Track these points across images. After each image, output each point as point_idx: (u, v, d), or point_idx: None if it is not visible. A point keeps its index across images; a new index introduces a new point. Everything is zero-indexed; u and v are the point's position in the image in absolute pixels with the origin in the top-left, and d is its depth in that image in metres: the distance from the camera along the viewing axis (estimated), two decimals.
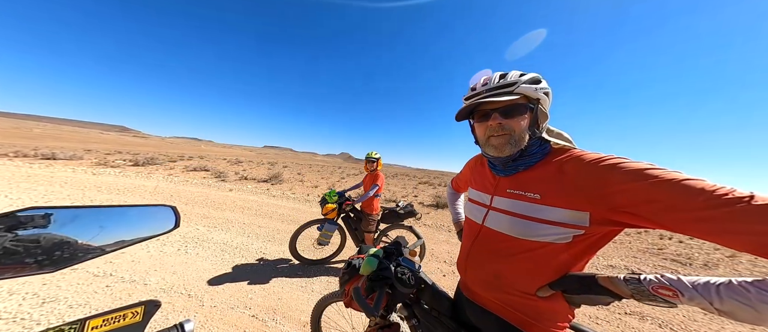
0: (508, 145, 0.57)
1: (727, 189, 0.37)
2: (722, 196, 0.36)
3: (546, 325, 0.57)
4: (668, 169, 0.42)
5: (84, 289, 1.72)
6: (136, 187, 5.50)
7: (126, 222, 0.42)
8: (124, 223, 0.42)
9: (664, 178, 0.41)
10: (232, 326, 1.52)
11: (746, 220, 0.34)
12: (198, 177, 7.89)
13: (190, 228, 3.15)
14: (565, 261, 0.53)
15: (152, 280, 1.91)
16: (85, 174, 6.31)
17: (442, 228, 4.56)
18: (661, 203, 0.40)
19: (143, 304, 0.39)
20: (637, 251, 4.16)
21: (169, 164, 10.82)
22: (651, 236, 5.38)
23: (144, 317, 0.38)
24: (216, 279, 2.01)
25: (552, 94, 0.60)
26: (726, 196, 0.36)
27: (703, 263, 3.82)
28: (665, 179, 0.40)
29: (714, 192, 0.37)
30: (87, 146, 21.31)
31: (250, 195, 5.72)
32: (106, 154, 12.88)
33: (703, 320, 2.08)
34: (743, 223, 0.35)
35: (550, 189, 0.54)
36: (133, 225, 0.43)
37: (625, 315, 2.08)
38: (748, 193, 0.36)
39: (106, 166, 8.32)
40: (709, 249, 4.66)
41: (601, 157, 0.50)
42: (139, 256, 2.25)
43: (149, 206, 0.46)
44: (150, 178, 6.83)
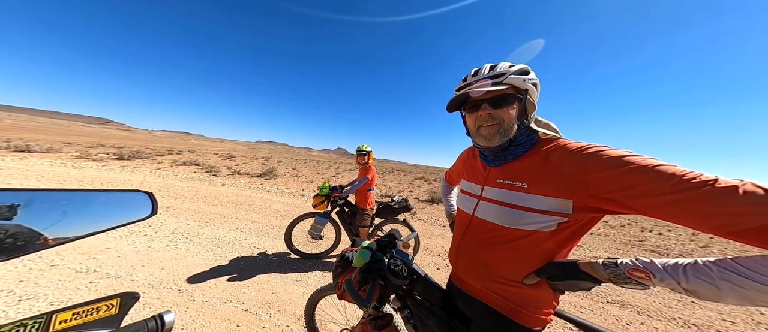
0: (497, 135, 0.59)
1: (695, 173, 0.38)
2: (690, 180, 0.38)
3: (532, 312, 0.58)
4: (645, 156, 0.44)
5: (66, 286, 1.65)
6: (121, 181, 5.28)
7: (94, 209, 0.39)
8: (92, 209, 0.39)
9: (639, 165, 0.42)
10: (225, 320, 1.51)
11: (709, 202, 0.36)
12: (188, 172, 7.65)
13: (180, 223, 3.06)
14: (550, 249, 0.55)
15: (139, 276, 1.86)
16: (64, 168, 5.99)
17: (436, 222, 4.63)
18: (635, 189, 0.42)
19: (120, 296, 0.37)
20: (620, 243, 4.38)
21: (156, 158, 10.43)
22: (633, 228, 5.66)
23: (120, 310, 0.36)
24: (208, 274, 1.97)
25: (540, 85, 0.61)
26: (693, 180, 0.38)
27: (678, 253, 4.07)
28: (640, 165, 0.42)
29: (683, 176, 0.39)
30: (66, 139, 20.18)
31: (243, 190, 5.61)
32: (88, 147, 12.27)
33: (677, 306, 2.23)
34: (706, 205, 0.36)
35: (536, 178, 0.55)
36: (102, 211, 0.40)
37: (608, 303, 2.20)
38: (712, 177, 0.37)
39: (88, 160, 7.94)
40: (684, 240, 4.96)
41: (584, 145, 0.51)
42: (125, 252, 2.18)
43: (121, 191, 0.43)
44: (136, 172, 6.57)
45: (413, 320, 0.80)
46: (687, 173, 0.39)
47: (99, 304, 0.35)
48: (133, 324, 0.34)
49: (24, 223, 0.30)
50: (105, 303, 0.36)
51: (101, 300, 0.36)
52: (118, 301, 0.37)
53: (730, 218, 0.35)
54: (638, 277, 0.42)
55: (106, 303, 0.36)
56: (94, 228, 0.38)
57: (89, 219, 0.38)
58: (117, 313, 0.36)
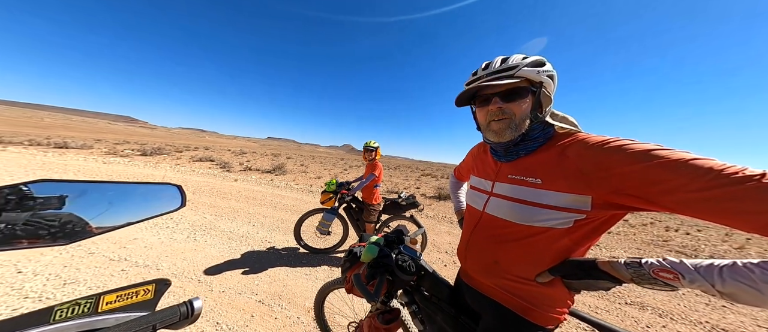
0: (508, 130, 0.56)
1: (737, 168, 0.35)
2: (731, 175, 0.35)
3: (545, 311, 0.57)
4: (676, 150, 0.40)
5: (101, 272, 1.81)
6: (145, 176, 5.65)
7: (133, 200, 0.42)
8: (131, 200, 0.42)
9: (670, 159, 0.39)
10: (240, 310, 1.59)
11: (754, 199, 0.33)
12: (204, 168, 8.04)
13: (198, 216, 3.24)
14: (565, 247, 0.53)
15: (164, 265, 1.99)
16: (96, 163, 6.50)
17: (443, 219, 4.59)
18: (665, 184, 0.39)
19: (154, 283, 0.40)
20: (641, 243, 4.13)
21: (175, 154, 11.02)
22: (656, 228, 5.32)
23: (155, 295, 0.39)
24: (223, 266, 2.08)
25: (557, 77, 0.57)
26: (736, 175, 0.34)
27: (709, 254, 3.78)
28: (672, 159, 0.39)
29: (722, 171, 0.35)
30: (96, 136, 21.79)
31: (254, 186, 5.82)
32: (115, 144, 13.17)
33: (705, 310, 2.09)
34: (750, 202, 0.33)
35: (551, 173, 0.53)
36: (139, 202, 0.43)
37: (626, 305, 2.10)
38: (759, 172, 0.34)
39: (115, 156, 8.53)
40: (716, 240, 4.59)
41: (606, 139, 0.48)
42: (151, 242, 2.34)
43: (155, 184, 0.46)
44: (158, 168, 6.99)
45: (420, 315, 0.80)
46: (727, 167, 0.35)
47: (138, 288, 0.38)
48: (167, 308, 0.36)
49: (73, 212, 0.34)
50: (142, 288, 0.39)
51: (139, 285, 0.39)
52: (154, 287, 0.40)
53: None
54: (665, 278, 0.40)
55: (143, 287, 0.39)
56: (133, 218, 0.41)
57: (129, 210, 0.41)
58: (152, 298, 0.39)
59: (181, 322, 0.36)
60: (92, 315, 0.33)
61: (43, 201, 0.32)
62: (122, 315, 0.35)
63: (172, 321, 0.35)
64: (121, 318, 0.35)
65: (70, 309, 0.32)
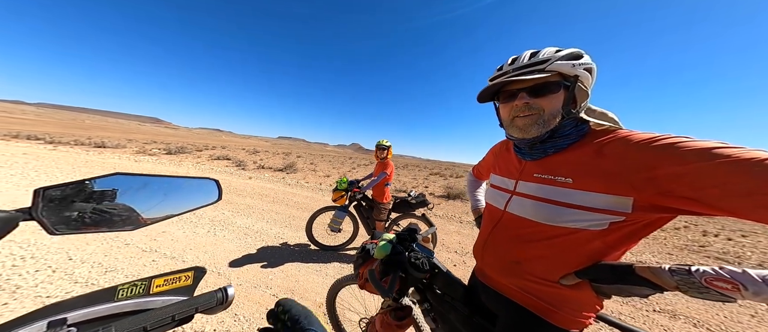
0: (535, 126, 0.53)
1: None
2: None
3: (568, 314, 0.54)
4: (746, 147, 0.35)
5: (135, 262, 1.98)
6: (171, 173, 6.09)
7: (179, 192, 0.46)
8: (178, 192, 0.46)
9: (739, 158, 0.35)
10: (256, 303, 1.67)
11: None
12: (221, 166, 8.49)
13: (217, 212, 3.43)
14: (597, 249, 0.49)
15: (189, 257, 2.14)
16: (129, 161, 7.11)
17: (452, 218, 4.51)
18: (734, 186, 0.35)
19: (193, 270, 0.43)
20: (672, 248, 3.80)
21: (196, 153, 11.72)
22: (691, 232, 4.85)
23: (194, 281, 0.43)
24: (240, 260, 2.19)
25: (596, 70, 0.53)
26: None
27: (757, 262, 3.40)
28: (741, 159, 0.35)
29: None
30: (128, 136, 23.72)
31: (267, 184, 6.05)
32: (144, 143, 14.26)
33: (750, 322, 1.88)
34: None
35: (585, 172, 0.49)
36: (184, 195, 0.47)
37: (654, 312, 1.95)
38: None
39: (144, 154, 9.26)
40: (765, 246, 4.10)
41: (654, 136, 0.43)
42: (176, 236, 2.52)
43: (197, 178, 0.49)
44: (181, 165, 7.49)
45: (432, 313, 0.79)
46: None
47: (180, 274, 0.42)
48: (206, 293, 0.39)
49: (126, 203, 0.38)
50: (184, 274, 0.42)
51: (181, 272, 0.42)
52: (193, 274, 0.43)
53: None
54: (721, 288, 0.35)
55: (184, 274, 0.42)
56: (179, 210, 0.44)
57: (177, 201, 0.44)
58: (191, 284, 0.42)
59: (217, 307, 0.39)
60: (145, 295, 0.37)
61: (107, 193, 0.36)
62: (168, 297, 0.39)
63: (210, 305, 0.38)
64: (167, 300, 0.38)
65: (129, 289, 0.36)
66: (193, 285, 0.42)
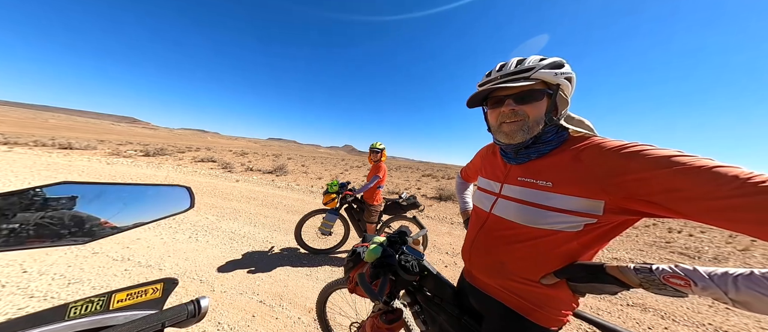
0: (520, 132, 0.56)
1: (765, 176, 0.34)
2: (759, 184, 0.34)
3: (549, 312, 0.57)
4: (699, 156, 0.39)
5: (105, 272, 1.83)
6: (148, 177, 5.69)
7: (144, 201, 0.43)
8: (142, 202, 0.43)
9: (692, 165, 0.38)
10: (242, 310, 1.60)
11: None
12: (206, 168, 8.09)
13: (200, 216, 3.26)
14: (573, 250, 0.53)
15: (167, 265, 2.01)
16: (99, 164, 6.55)
17: (444, 220, 4.58)
18: (687, 191, 0.38)
19: (162, 281, 0.41)
20: (643, 244, 4.10)
21: (178, 155, 11.09)
22: (659, 229, 5.28)
23: (163, 293, 0.40)
24: (225, 266, 2.09)
25: (575, 79, 0.57)
26: (763, 184, 0.34)
27: (712, 256, 3.75)
28: (694, 166, 0.38)
29: (749, 179, 0.34)
30: (100, 137, 21.95)
31: (255, 186, 5.85)
32: (118, 145, 13.26)
33: (708, 312, 2.07)
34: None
35: (563, 177, 0.52)
36: (150, 204, 0.44)
37: (627, 306, 2.09)
38: None
39: (118, 156, 8.60)
40: (719, 242, 4.55)
41: (624, 144, 0.47)
42: (153, 242, 2.36)
43: (165, 185, 0.47)
44: (160, 168, 7.04)
45: (423, 315, 0.80)
46: (754, 175, 0.34)
47: (147, 287, 0.39)
48: (175, 306, 0.37)
49: (88, 213, 0.35)
50: (151, 287, 0.39)
51: (148, 284, 0.40)
52: (162, 286, 0.40)
53: None
54: (676, 284, 0.39)
55: (151, 286, 0.40)
56: (145, 219, 0.42)
57: (142, 211, 0.42)
58: (160, 296, 0.40)
59: (189, 320, 0.37)
60: (104, 312, 0.34)
61: (59, 202, 0.33)
62: (132, 312, 0.36)
63: (179, 319, 0.36)
64: (130, 315, 0.35)
65: (83, 306, 0.33)
66: (163, 298, 0.40)
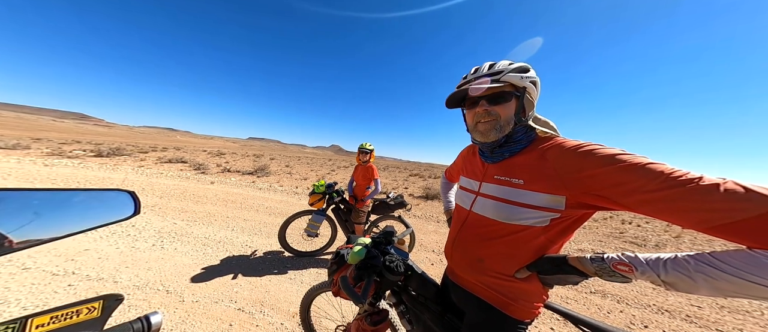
0: (493, 131, 0.60)
1: (683, 172, 0.40)
2: (676, 178, 0.39)
3: (523, 305, 0.60)
4: (637, 155, 0.45)
5: (41, 290, 1.56)
6: (100, 180, 4.99)
7: (70, 209, 0.37)
8: (68, 210, 0.36)
9: (630, 163, 0.43)
10: (217, 320, 1.48)
11: (691, 199, 0.38)
12: (174, 170, 7.33)
13: (167, 222, 2.94)
14: (542, 244, 0.56)
15: (123, 277, 1.78)
16: (34, 166, 5.58)
17: (431, 218, 4.69)
18: (625, 186, 0.43)
19: (102, 299, 0.36)
20: (602, 235, 4.62)
21: (139, 155, 9.92)
22: (614, 221, 5.99)
23: (103, 312, 0.35)
24: (198, 275, 1.92)
25: (540, 83, 0.62)
26: (679, 178, 0.39)
27: (654, 244, 4.35)
28: (631, 163, 0.43)
29: (670, 174, 0.40)
30: (35, 134, 18.75)
31: (233, 188, 5.45)
32: (61, 144, 11.47)
33: (652, 294, 2.40)
34: (689, 201, 0.38)
35: (532, 174, 0.56)
36: (79, 212, 0.38)
37: (591, 293, 2.33)
38: (698, 175, 0.39)
39: (61, 157, 7.42)
40: (659, 231, 5.30)
41: (580, 144, 0.52)
42: (106, 253, 2.07)
43: (100, 190, 0.41)
44: (117, 170, 6.22)
45: (408, 315, 0.81)
46: (675, 171, 0.40)
47: (79, 307, 0.34)
48: (117, 326, 0.33)
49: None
50: (86, 306, 0.34)
51: (82, 303, 0.34)
52: (101, 303, 0.35)
53: (709, 214, 0.37)
54: (622, 270, 0.44)
55: (87, 306, 0.34)
56: (70, 230, 0.35)
57: (64, 220, 0.35)
58: (99, 316, 0.35)
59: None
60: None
61: None
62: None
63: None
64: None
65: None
66: (103, 316, 0.35)
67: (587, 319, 0.67)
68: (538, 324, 1.76)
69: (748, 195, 0.35)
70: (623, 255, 0.45)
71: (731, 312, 2.18)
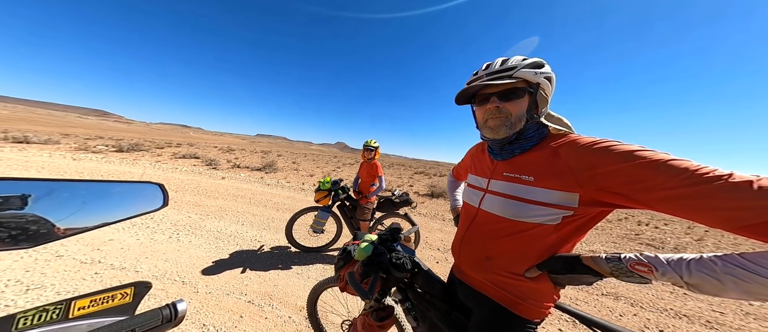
0: (503, 127, 0.59)
1: (709, 168, 0.38)
2: (703, 175, 0.37)
3: (532, 304, 0.59)
4: (657, 151, 0.43)
5: (71, 276, 1.68)
6: (121, 173, 5.29)
7: (109, 199, 0.39)
8: (107, 200, 0.39)
9: (650, 159, 0.42)
10: (228, 311, 1.54)
11: (721, 197, 0.36)
12: (188, 165, 7.65)
13: (182, 215, 3.09)
14: (553, 243, 0.55)
15: (144, 267, 1.89)
16: (64, 160, 5.99)
17: (436, 216, 4.67)
18: (645, 182, 0.41)
19: (133, 285, 0.38)
20: (616, 237, 4.44)
21: (156, 151, 10.39)
22: (629, 222, 5.73)
23: (134, 298, 0.38)
24: (210, 267, 2.00)
25: (555, 79, 0.59)
26: (707, 175, 0.37)
27: (674, 246, 4.13)
28: (651, 160, 0.41)
29: (696, 171, 0.38)
30: (64, 130, 20.02)
31: (243, 184, 5.62)
32: (86, 139, 12.19)
33: (669, 298, 2.29)
34: (718, 199, 0.36)
35: (543, 171, 0.54)
36: (116, 202, 0.40)
37: (602, 296, 2.25)
38: (728, 172, 0.36)
39: (87, 152, 7.90)
40: (680, 233, 5.03)
41: (595, 140, 0.50)
42: (128, 243, 2.20)
43: (134, 182, 0.43)
44: (136, 165, 6.56)
45: (414, 312, 0.81)
46: (701, 168, 0.38)
47: (114, 292, 0.36)
48: (148, 311, 0.34)
49: (37, 213, 0.31)
50: (120, 292, 0.37)
51: (116, 289, 0.37)
52: (132, 290, 0.38)
53: (740, 212, 0.35)
54: (641, 271, 0.42)
55: (121, 291, 0.37)
56: (111, 219, 0.38)
57: (106, 210, 0.38)
58: (131, 301, 0.37)
59: (164, 326, 0.35)
60: (62, 321, 0.31)
61: (1, 201, 0.29)
62: (97, 320, 0.33)
63: (153, 324, 0.33)
64: (95, 323, 0.32)
65: (35, 315, 0.30)
66: (134, 302, 0.37)
67: (599, 321, 0.65)
68: (546, 324, 1.72)
69: None
70: (642, 255, 0.43)
71: (758, 319, 2.04)
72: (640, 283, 0.44)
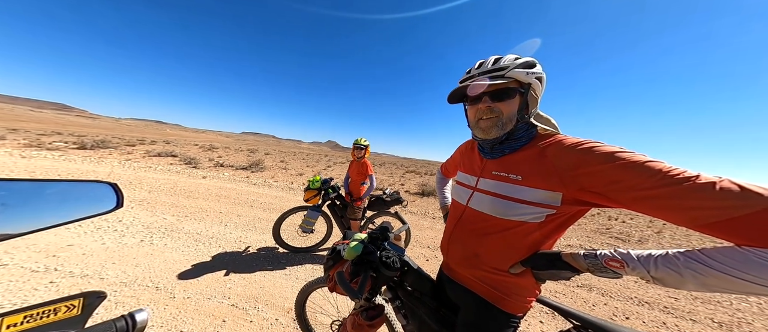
0: (495, 128, 0.59)
1: (680, 170, 0.40)
2: (673, 176, 0.40)
3: (516, 300, 0.61)
4: (636, 153, 0.45)
5: (19, 287, 1.49)
6: (83, 172, 4.78)
7: (44, 201, 0.34)
8: (41, 202, 0.34)
9: (628, 160, 0.44)
10: (210, 316, 1.46)
11: (687, 197, 0.38)
12: (164, 163, 7.10)
13: (156, 217, 2.86)
14: (536, 240, 0.57)
15: (110, 274, 1.72)
16: (10, 157, 5.28)
17: (427, 215, 4.74)
18: (622, 183, 0.44)
19: (83, 296, 0.34)
20: (590, 231, 4.80)
21: (126, 148, 9.53)
22: (601, 218, 6.22)
23: (83, 310, 0.33)
24: (189, 270, 1.88)
25: (546, 79, 0.61)
26: (676, 176, 0.39)
27: (638, 239, 4.55)
28: (629, 161, 0.44)
29: (667, 172, 0.40)
30: (11, 125, 17.70)
31: (227, 183, 5.33)
32: (39, 135, 10.88)
33: (634, 287, 2.52)
34: (684, 199, 0.38)
35: (531, 171, 0.56)
36: (54, 204, 0.35)
37: (577, 287, 2.43)
38: (695, 173, 0.39)
39: (40, 148, 7.05)
40: (643, 227, 5.55)
41: (579, 141, 0.52)
42: (91, 248, 2.00)
43: (78, 181, 0.38)
44: (102, 163, 5.97)
45: (404, 310, 0.81)
46: (672, 169, 0.40)
47: (57, 305, 0.32)
48: (99, 324, 0.31)
49: None
50: (65, 304, 0.33)
51: (60, 301, 0.32)
52: (81, 301, 0.34)
53: (702, 211, 0.37)
54: (613, 267, 0.45)
55: (66, 303, 0.33)
56: (43, 224, 0.33)
57: (36, 214, 0.33)
58: (80, 314, 0.33)
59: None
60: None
61: None
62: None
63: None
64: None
65: None
66: (84, 315, 0.33)
67: (575, 312, 0.69)
68: (529, 317, 1.82)
69: (743, 194, 0.36)
70: (615, 252, 0.46)
71: (704, 303, 2.32)
72: (612, 278, 0.47)
